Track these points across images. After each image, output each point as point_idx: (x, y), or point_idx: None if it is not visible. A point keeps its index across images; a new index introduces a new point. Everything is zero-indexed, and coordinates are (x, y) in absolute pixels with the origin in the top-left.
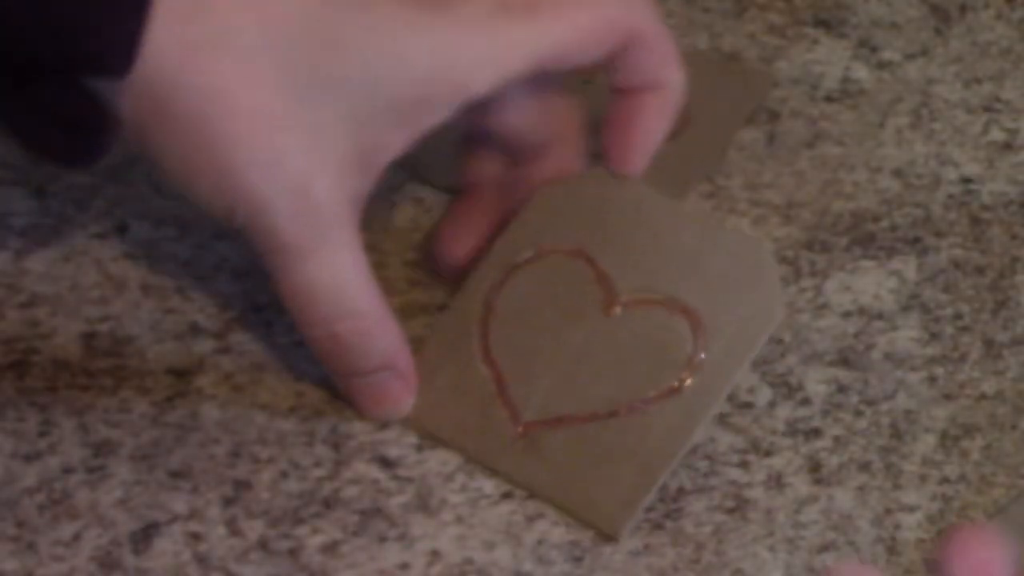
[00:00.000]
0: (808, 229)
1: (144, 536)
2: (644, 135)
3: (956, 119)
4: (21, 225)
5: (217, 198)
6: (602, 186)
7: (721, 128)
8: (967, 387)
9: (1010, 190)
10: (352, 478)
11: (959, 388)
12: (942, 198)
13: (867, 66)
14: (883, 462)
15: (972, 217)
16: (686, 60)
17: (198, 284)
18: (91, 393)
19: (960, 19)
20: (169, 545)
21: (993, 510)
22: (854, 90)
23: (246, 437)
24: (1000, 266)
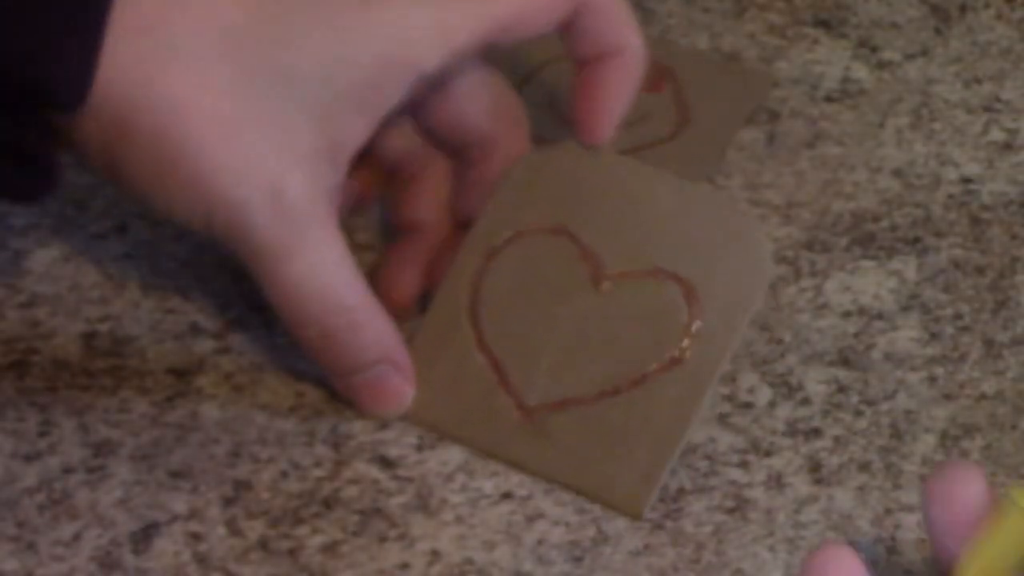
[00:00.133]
0: (808, 229)
1: (144, 536)
2: (608, 103)
3: (956, 119)
4: (21, 225)
5: (193, 209)
6: (573, 158)
7: (721, 128)
8: (967, 387)
9: (1010, 190)
10: (352, 478)
11: (959, 388)
12: (942, 198)
13: (867, 66)
14: (883, 462)
15: (972, 217)
16: (686, 60)
17: (198, 284)
18: (91, 393)
19: (960, 19)
20: (169, 545)
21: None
22: (854, 90)
23: (246, 437)
24: (1000, 266)
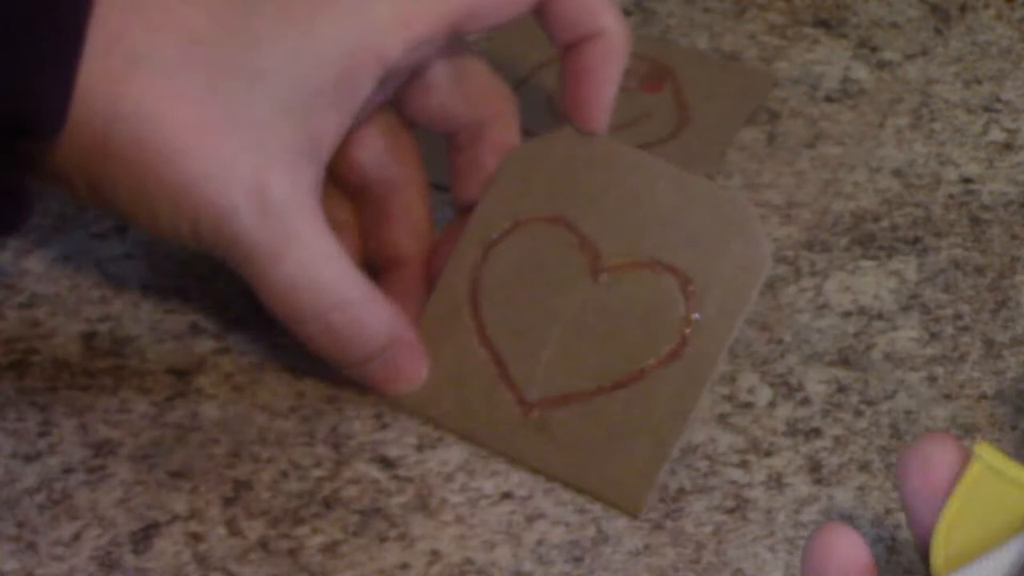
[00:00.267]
0: (808, 229)
1: (144, 536)
2: (596, 87)
3: (956, 119)
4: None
5: (179, 221)
6: (570, 146)
7: (721, 128)
8: (967, 387)
9: (1010, 190)
10: (352, 478)
11: (959, 388)
12: (942, 198)
13: (867, 66)
14: (883, 462)
15: (972, 217)
16: (686, 60)
17: (198, 284)
18: (91, 393)
19: (960, 19)
20: (169, 545)
21: None
22: (854, 90)
23: (246, 437)
24: (1000, 266)
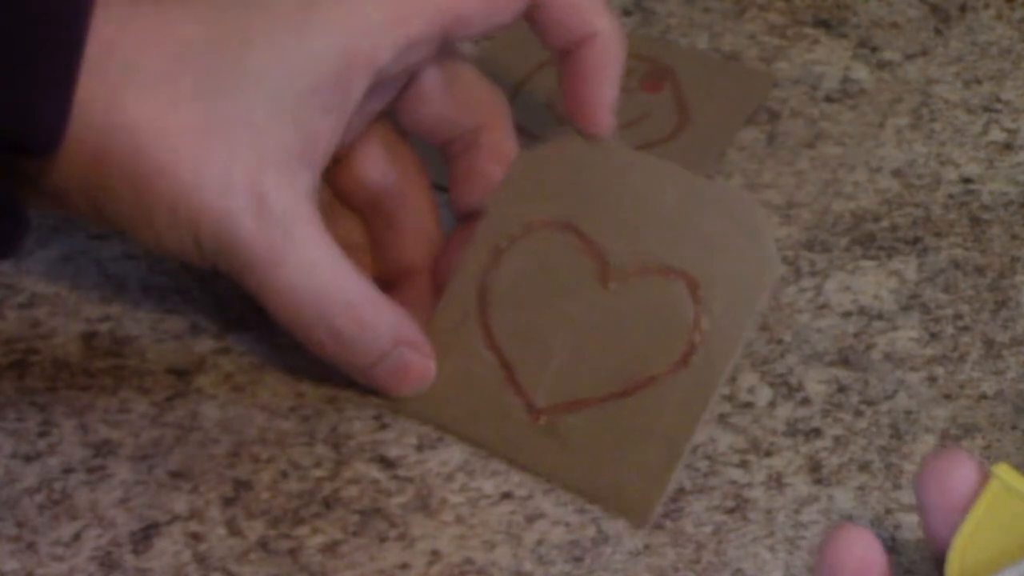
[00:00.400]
0: (808, 229)
1: (144, 536)
2: (596, 91)
3: (956, 119)
4: None
5: (179, 231)
6: (576, 150)
7: (721, 128)
8: (967, 387)
9: (1010, 190)
10: (352, 478)
11: (959, 388)
12: (942, 198)
13: (867, 66)
14: (883, 462)
15: (972, 217)
16: (686, 60)
17: (198, 284)
18: (91, 393)
19: (960, 19)
20: (169, 545)
21: None
22: (854, 90)
23: (246, 437)
24: (1000, 266)
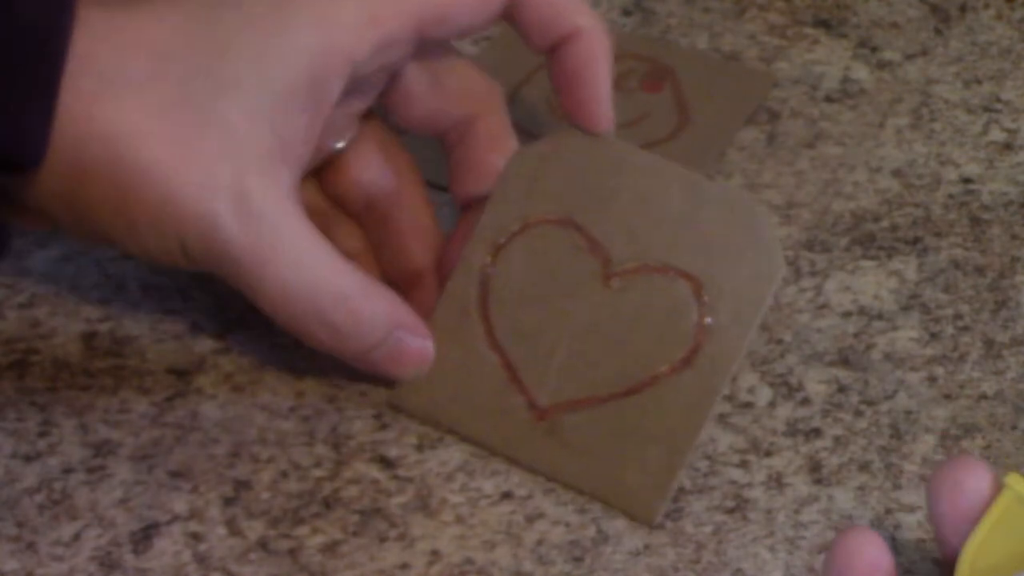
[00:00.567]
0: (808, 229)
1: (144, 536)
2: (590, 87)
3: (956, 119)
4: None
5: (165, 238)
6: (578, 147)
7: (721, 128)
8: (967, 387)
9: (1010, 190)
10: (352, 478)
11: (959, 388)
12: (942, 198)
13: (867, 66)
14: (883, 462)
15: (972, 217)
16: (686, 60)
17: (198, 284)
18: (91, 393)
19: (960, 19)
20: (169, 545)
21: None
22: (854, 90)
23: (246, 437)
24: (1000, 266)
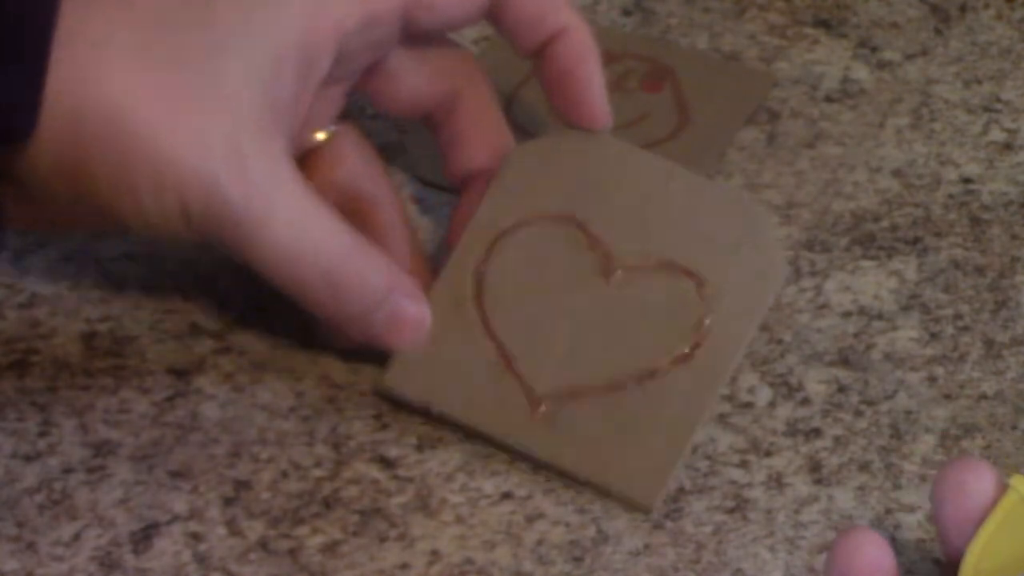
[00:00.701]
0: (808, 229)
1: (144, 536)
2: (583, 85)
3: (956, 119)
4: None
5: (165, 199)
6: (577, 144)
7: (721, 128)
8: (967, 387)
9: (1010, 190)
10: (352, 478)
11: (959, 388)
12: (942, 198)
13: (867, 66)
14: (883, 462)
15: (972, 217)
16: (686, 60)
17: (198, 284)
18: (91, 393)
19: (960, 19)
20: (169, 545)
21: None
22: (854, 90)
23: (246, 437)
24: (1000, 266)
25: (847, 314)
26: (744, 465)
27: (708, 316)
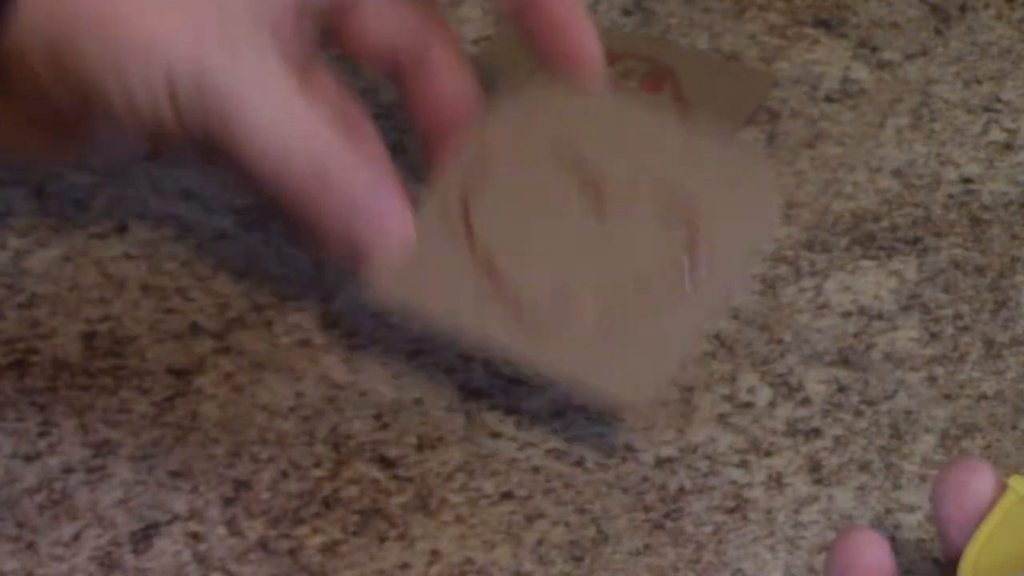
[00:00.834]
0: (808, 229)
1: (144, 536)
2: (570, 26)
3: (956, 119)
4: (21, 225)
5: (153, 80)
6: (570, 87)
7: (721, 128)
8: (967, 387)
9: (1010, 190)
10: (352, 478)
11: (959, 388)
12: (942, 198)
13: (867, 66)
14: (883, 462)
15: (972, 217)
16: (686, 60)
17: (198, 284)
18: (91, 393)
19: (960, 19)
20: (169, 545)
21: None
22: (854, 90)
23: (246, 437)
24: (1000, 266)
25: (847, 314)
26: (744, 465)
27: (701, 252)
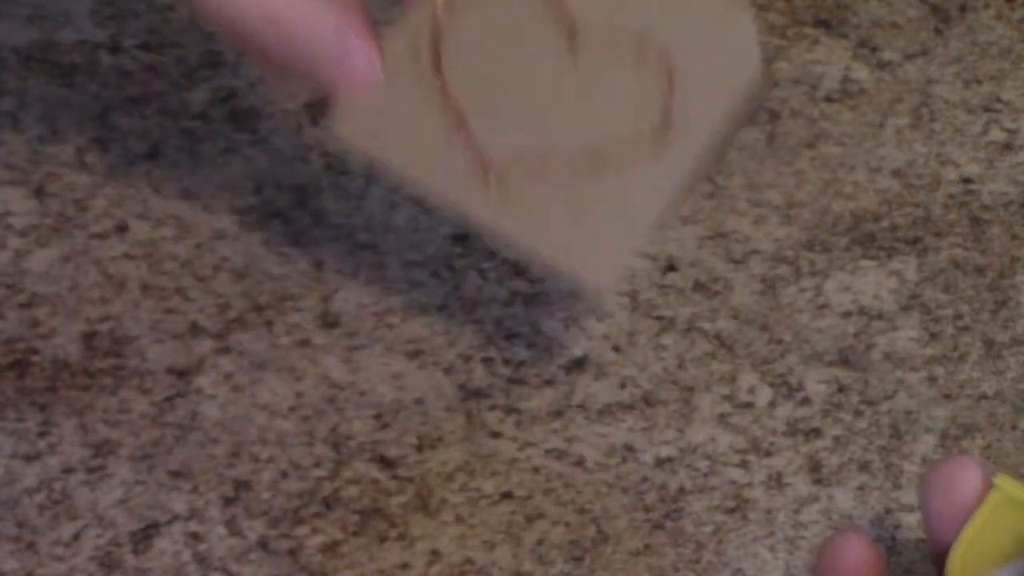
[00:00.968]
0: (808, 229)
1: (144, 536)
2: None
3: (956, 119)
4: (21, 225)
5: None
6: None
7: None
8: (967, 387)
9: (1010, 190)
10: (352, 478)
11: (959, 388)
12: (942, 198)
13: (867, 66)
14: (883, 462)
15: (972, 217)
16: None
17: (198, 284)
18: (91, 393)
19: (960, 19)
20: (169, 545)
21: None
22: (854, 90)
23: (246, 437)
24: (1000, 266)
25: (847, 314)
26: (744, 465)
27: (676, 100)
